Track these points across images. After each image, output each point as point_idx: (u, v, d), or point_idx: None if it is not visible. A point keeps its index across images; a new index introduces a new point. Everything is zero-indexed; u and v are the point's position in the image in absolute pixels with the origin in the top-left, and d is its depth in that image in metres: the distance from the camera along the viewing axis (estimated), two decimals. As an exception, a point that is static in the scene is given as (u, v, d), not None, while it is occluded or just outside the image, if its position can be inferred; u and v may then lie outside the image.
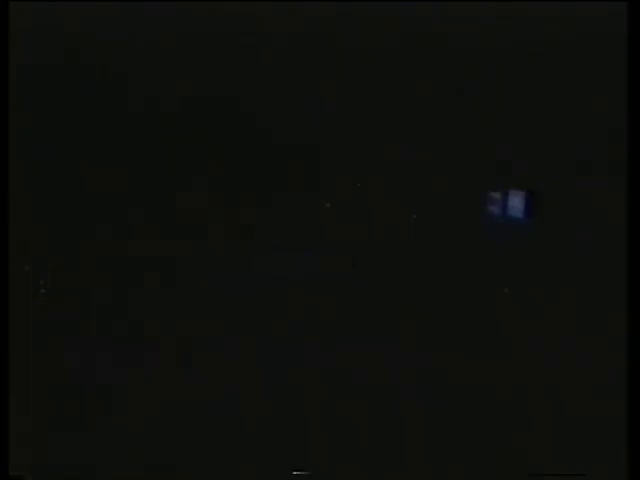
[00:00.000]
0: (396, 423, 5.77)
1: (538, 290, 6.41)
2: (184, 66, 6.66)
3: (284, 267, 6.49)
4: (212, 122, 6.67)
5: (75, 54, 6.65)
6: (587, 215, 6.36)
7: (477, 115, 6.63)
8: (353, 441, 5.71)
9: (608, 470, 4.95)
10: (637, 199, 5.38)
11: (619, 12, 5.85)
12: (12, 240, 5.71)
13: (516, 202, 6.48)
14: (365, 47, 6.72)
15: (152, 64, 6.64)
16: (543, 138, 6.55)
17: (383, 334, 6.45)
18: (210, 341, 6.23)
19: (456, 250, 6.59)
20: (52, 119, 6.61)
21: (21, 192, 6.31)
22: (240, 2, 6.60)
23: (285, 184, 6.67)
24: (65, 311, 6.30)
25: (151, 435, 5.87)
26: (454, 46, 6.59)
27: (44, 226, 6.48)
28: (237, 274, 6.39)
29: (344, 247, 6.62)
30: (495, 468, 5.04)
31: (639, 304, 5.14)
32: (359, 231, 6.65)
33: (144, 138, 6.61)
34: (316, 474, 5.52)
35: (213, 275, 6.37)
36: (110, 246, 6.48)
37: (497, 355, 6.28)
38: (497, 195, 6.57)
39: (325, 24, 6.65)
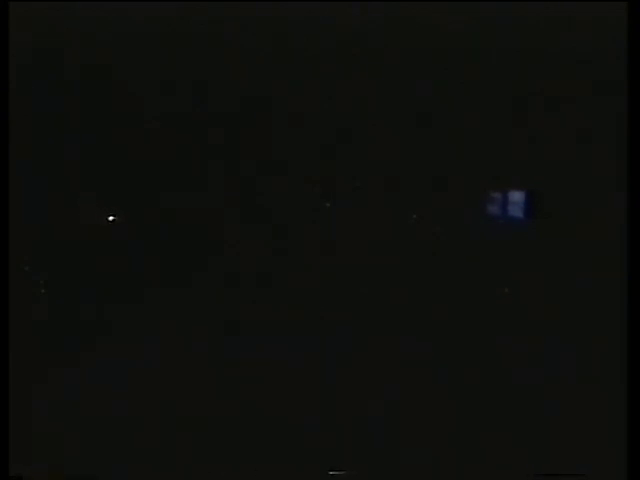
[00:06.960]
0: (392, 424, 5.77)
1: (538, 290, 6.41)
2: None
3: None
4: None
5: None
6: (587, 215, 6.37)
7: (477, 114, 6.64)
8: (346, 440, 5.71)
9: (608, 470, 4.97)
10: (637, 199, 5.38)
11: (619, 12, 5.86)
12: (12, 240, 5.71)
13: (516, 202, 6.49)
14: (365, 45, 6.72)
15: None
16: (543, 138, 6.55)
17: (382, 334, 6.46)
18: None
19: (456, 250, 6.60)
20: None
21: (21, 192, 6.31)
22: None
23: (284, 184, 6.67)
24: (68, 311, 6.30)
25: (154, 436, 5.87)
26: (456, 44, 6.59)
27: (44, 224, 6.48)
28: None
29: (343, 247, 6.62)
30: (495, 468, 5.05)
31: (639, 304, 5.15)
32: (359, 230, 6.66)
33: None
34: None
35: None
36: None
37: (496, 355, 6.29)
38: (497, 195, 6.58)
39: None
